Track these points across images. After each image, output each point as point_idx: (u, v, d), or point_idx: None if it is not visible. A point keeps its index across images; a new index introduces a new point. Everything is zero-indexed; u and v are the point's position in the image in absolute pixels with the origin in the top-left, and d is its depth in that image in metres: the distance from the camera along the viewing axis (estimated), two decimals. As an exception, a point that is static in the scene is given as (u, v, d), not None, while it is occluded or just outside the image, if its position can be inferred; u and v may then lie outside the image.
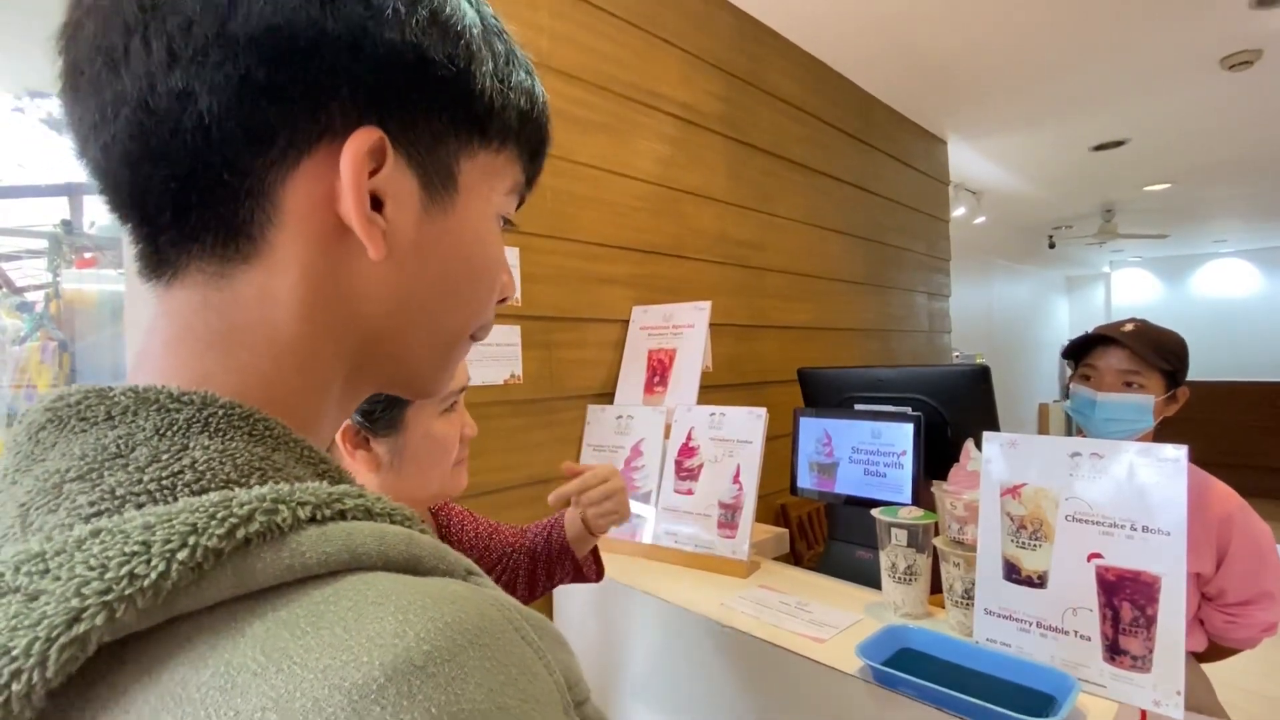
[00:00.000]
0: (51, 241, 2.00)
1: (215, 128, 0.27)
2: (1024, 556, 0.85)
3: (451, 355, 0.38)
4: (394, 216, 0.31)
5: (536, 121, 0.36)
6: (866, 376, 1.29)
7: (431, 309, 0.34)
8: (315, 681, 0.18)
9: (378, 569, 0.23)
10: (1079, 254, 7.22)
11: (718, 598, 1.07)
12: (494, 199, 0.36)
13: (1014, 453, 0.87)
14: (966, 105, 2.76)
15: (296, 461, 0.28)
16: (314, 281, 0.30)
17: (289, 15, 0.27)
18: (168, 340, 0.30)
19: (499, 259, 0.37)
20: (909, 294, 2.78)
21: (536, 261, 1.39)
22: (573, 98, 1.47)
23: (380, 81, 0.29)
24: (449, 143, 0.32)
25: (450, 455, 0.78)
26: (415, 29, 0.29)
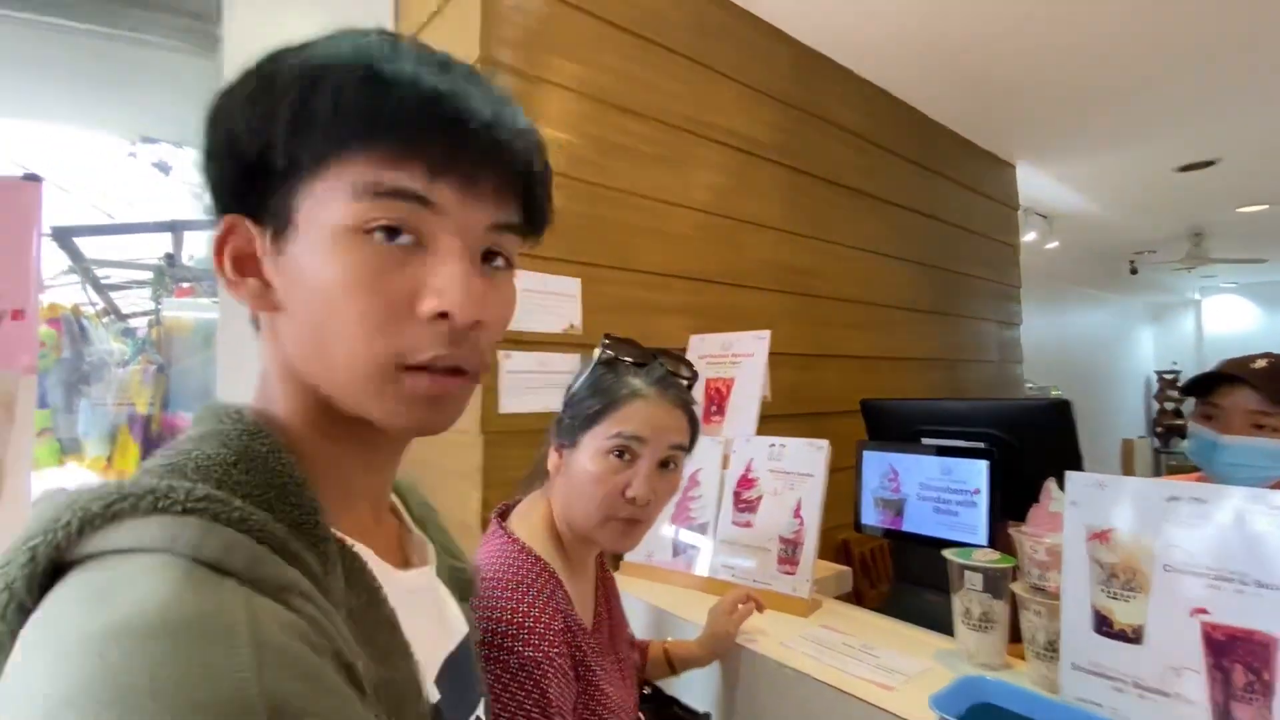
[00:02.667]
0: (156, 273, 2.19)
1: None
2: (1116, 608, 0.78)
3: (379, 387, 0.36)
4: (267, 272, 0.37)
5: (351, 115, 0.34)
6: (935, 409, 1.23)
7: (315, 342, 0.36)
8: (74, 621, 0.26)
9: (180, 555, 0.28)
10: (1164, 280, 6.79)
11: (777, 636, 1.04)
12: (329, 218, 0.34)
13: (1102, 494, 0.82)
14: (1036, 127, 2.67)
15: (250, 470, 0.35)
16: (266, 337, 0.40)
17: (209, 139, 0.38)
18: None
19: (358, 276, 0.34)
20: (977, 322, 2.67)
21: (597, 291, 1.41)
22: (633, 132, 1.50)
23: (210, 177, 0.38)
24: (277, 191, 0.36)
25: (597, 496, 0.78)
26: (235, 122, 0.36)
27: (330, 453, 0.39)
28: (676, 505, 1.38)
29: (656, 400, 0.82)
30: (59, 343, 1.94)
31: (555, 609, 0.74)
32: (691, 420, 0.87)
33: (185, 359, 2.07)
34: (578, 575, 0.85)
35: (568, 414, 0.85)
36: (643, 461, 0.80)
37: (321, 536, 0.34)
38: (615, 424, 0.80)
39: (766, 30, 1.83)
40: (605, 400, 0.81)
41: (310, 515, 0.34)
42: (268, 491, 0.33)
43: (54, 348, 1.94)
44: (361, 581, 0.36)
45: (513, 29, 1.31)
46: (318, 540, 0.34)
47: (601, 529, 0.80)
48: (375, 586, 0.37)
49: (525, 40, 1.32)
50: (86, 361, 1.98)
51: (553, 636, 0.71)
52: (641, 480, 0.79)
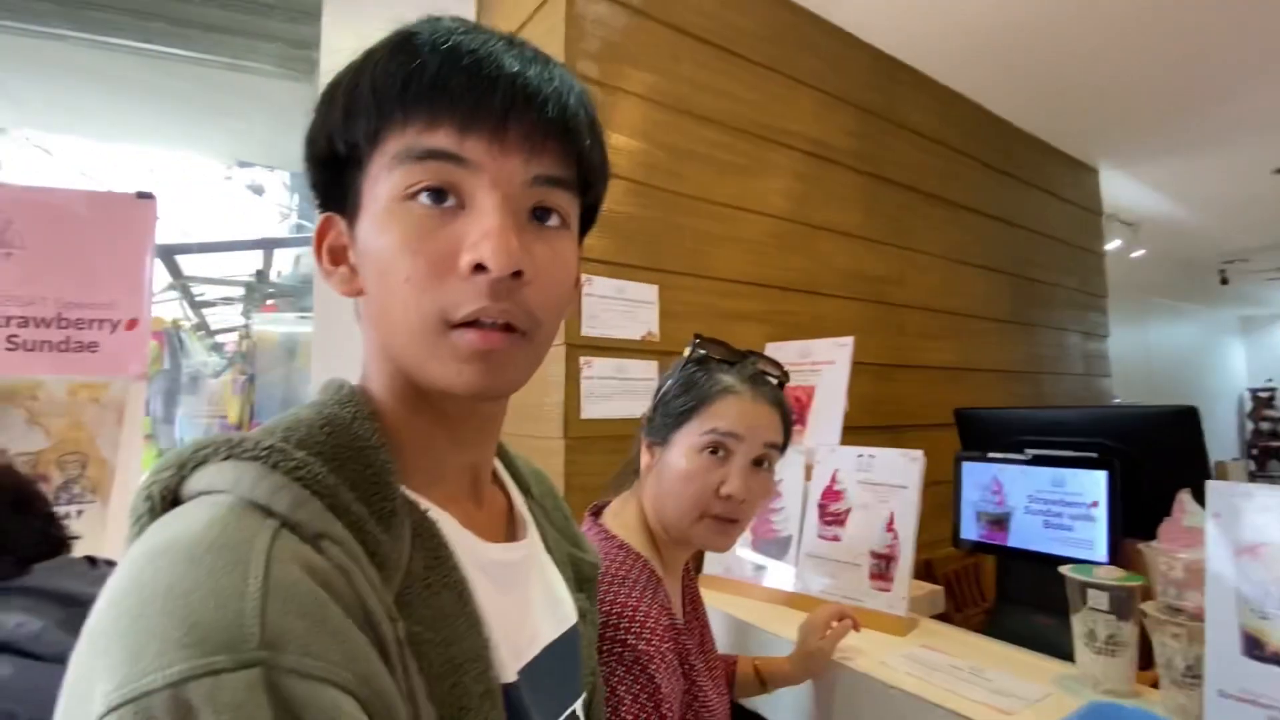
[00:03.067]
0: (247, 289, 2.32)
1: None
2: (1271, 629, 0.71)
3: (432, 346, 0.37)
4: (353, 259, 0.40)
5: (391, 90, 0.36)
6: (1040, 418, 1.17)
7: (379, 312, 0.39)
8: (140, 543, 0.30)
9: (231, 495, 0.31)
10: (1257, 291, 6.33)
11: (875, 655, 0.99)
12: (379, 190, 0.37)
13: (1250, 505, 0.75)
14: (1120, 130, 2.54)
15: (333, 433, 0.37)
16: (363, 317, 0.42)
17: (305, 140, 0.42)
18: None
19: (404, 239, 0.36)
20: (1061, 333, 2.54)
21: (674, 299, 1.41)
22: (710, 140, 1.50)
23: (315, 172, 0.40)
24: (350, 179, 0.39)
25: (690, 493, 0.78)
26: (316, 121, 0.40)
27: (418, 427, 0.40)
28: (758, 517, 1.35)
29: (749, 397, 0.81)
30: (160, 355, 2.07)
31: (660, 605, 0.74)
32: (785, 418, 0.85)
33: (271, 370, 2.16)
34: (670, 576, 0.85)
35: (659, 412, 0.85)
36: (737, 459, 0.79)
37: (386, 495, 0.35)
38: (708, 420, 0.79)
39: (842, 37, 1.81)
40: (698, 397, 0.81)
41: (379, 474, 0.35)
42: (343, 450, 0.35)
43: (156, 359, 2.06)
44: (430, 544, 0.37)
45: (593, 41, 1.33)
46: (382, 498, 0.35)
47: (695, 527, 0.79)
48: (445, 552, 0.37)
49: (604, 52, 1.34)
50: (184, 373, 2.10)
51: (661, 630, 0.70)
52: (736, 477, 0.78)
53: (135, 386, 1.45)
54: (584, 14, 1.32)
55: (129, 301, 1.42)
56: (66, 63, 1.72)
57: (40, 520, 0.84)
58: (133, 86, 1.91)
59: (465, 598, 0.37)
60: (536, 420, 1.31)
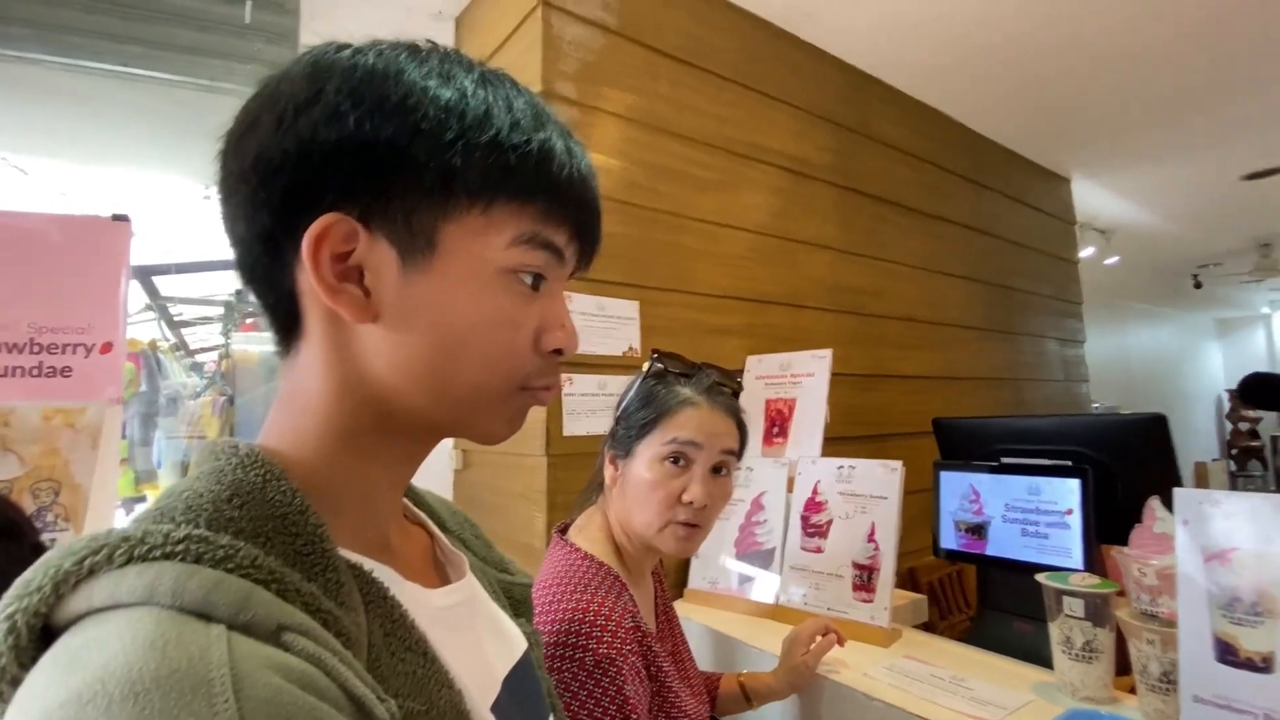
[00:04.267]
0: (226, 308, 2.30)
1: (248, 241, 0.36)
2: (1242, 635, 0.72)
3: (494, 406, 0.39)
4: (374, 284, 0.36)
5: (528, 172, 0.36)
6: (1015, 427, 1.18)
7: (435, 363, 0.37)
8: (39, 695, 0.24)
9: (160, 606, 0.26)
10: (1231, 294, 6.46)
11: (858, 667, 0.99)
12: (489, 256, 0.37)
13: (1217, 512, 0.76)
14: (1091, 141, 2.60)
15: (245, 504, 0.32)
16: (329, 349, 0.37)
17: (264, 142, 0.34)
18: (275, 399, 0.39)
19: (509, 314, 0.38)
20: (1039, 340, 2.58)
21: (655, 314, 1.41)
22: (686, 157, 1.52)
23: (334, 174, 0.34)
24: (422, 212, 0.35)
25: (655, 502, 0.82)
26: (351, 125, 0.34)
27: (357, 471, 0.38)
28: (741, 530, 1.35)
29: (707, 407, 0.86)
30: (137, 377, 2.04)
31: (624, 609, 0.75)
32: (740, 427, 0.89)
33: (251, 390, 2.14)
34: (638, 584, 0.86)
35: (621, 426, 0.88)
36: (697, 467, 0.84)
37: (328, 565, 0.32)
38: (669, 431, 0.83)
39: (816, 54, 1.84)
40: (658, 409, 0.85)
41: (314, 543, 0.32)
42: (265, 524, 0.32)
43: (132, 381, 2.03)
44: (383, 608, 0.34)
45: (571, 62, 1.34)
46: (325, 569, 0.32)
47: (661, 535, 0.82)
48: (400, 612, 0.35)
49: (582, 73, 1.36)
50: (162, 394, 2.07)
51: (624, 634, 0.71)
52: (697, 484, 0.83)
53: (111, 411, 1.43)
54: (561, 35, 1.33)
55: (103, 325, 1.40)
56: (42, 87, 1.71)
57: (28, 550, 0.82)
58: (110, 109, 1.90)
59: (430, 656, 0.35)
60: (518, 438, 1.30)
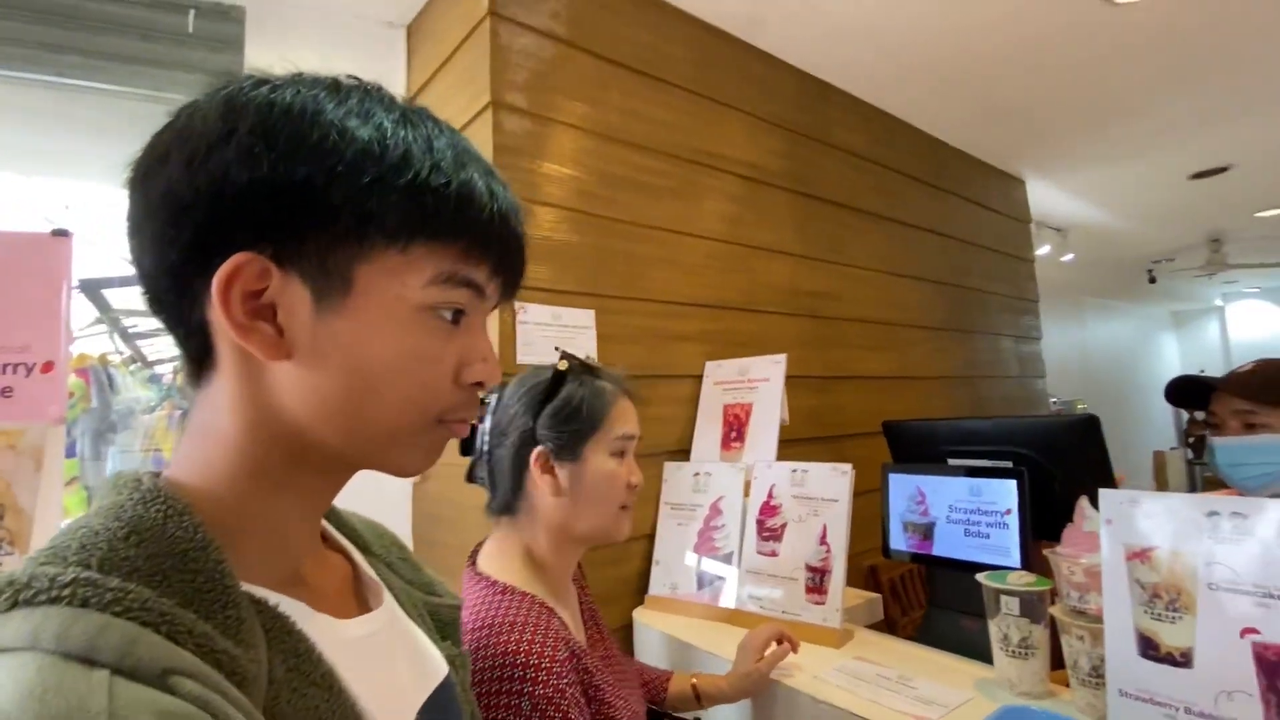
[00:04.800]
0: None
1: (155, 276, 0.36)
2: (1162, 630, 0.76)
3: (412, 440, 0.40)
4: (287, 323, 0.36)
5: (448, 214, 0.37)
6: (960, 429, 1.21)
7: (350, 400, 0.37)
8: None
9: (44, 651, 0.26)
10: (1185, 288, 6.68)
11: (809, 669, 1.01)
12: (406, 295, 0.37)
13: (1138, 512, 0.79)
14: (1044, 143, 2.67)
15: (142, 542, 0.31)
16: (239, 385, 0.37)
17: (174, 178, 0.34)
18: (184, 432, 0.39)
19: (427, 350, 0.38)
20: (996, 338, 2.65)
21: (611, 322, 1.42)
22: (642, 166, 1.52)
23: (245, 213, 0.34)
24: (337, 251, 0.36)
25: (617, 496, 0.87)
26: (265, 167, 0.34)
27: (268, 504, 0.38)
28: (700, 535, 1.37)
29: (625, 398, 0.91)
30: (87, 393, 1.98)
31: (557, 639, 0.74)
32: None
33: (209, 404, 2.08)
34: (563, 599, 0.86)
35: (556, 433, 0.84)
36: (630, 453, 0.90)
37: (228, 601, 0.32)
38: (614, 426, 0.87)
39: (769, 61, 1.86)
40: (601, 405, 0.87)
41: (214, 579, 0.32)
42: (162, 561, 0.31)
43: (82, 398, 1.98)
44: (287, 643, 0.34)
45: (520, 72, 1.34)
46: (224, 605, 0.31)
47: (616, 524, 0.87)
48: (305, 646, 0.35)
49: (532, 83, 1.36)
50: (114, 410, 2.01)
51: (561, 670, 0.71)
52: (636, 467, 0.90)
53: (54, 431, 1.40)
54: (509, 45, 1.33)
55: (45, 344, 1.37)
56: (-20, 97, 1.66)
57: None
58: (47, 120, 1.85)
59: (336, 690, 0.35)
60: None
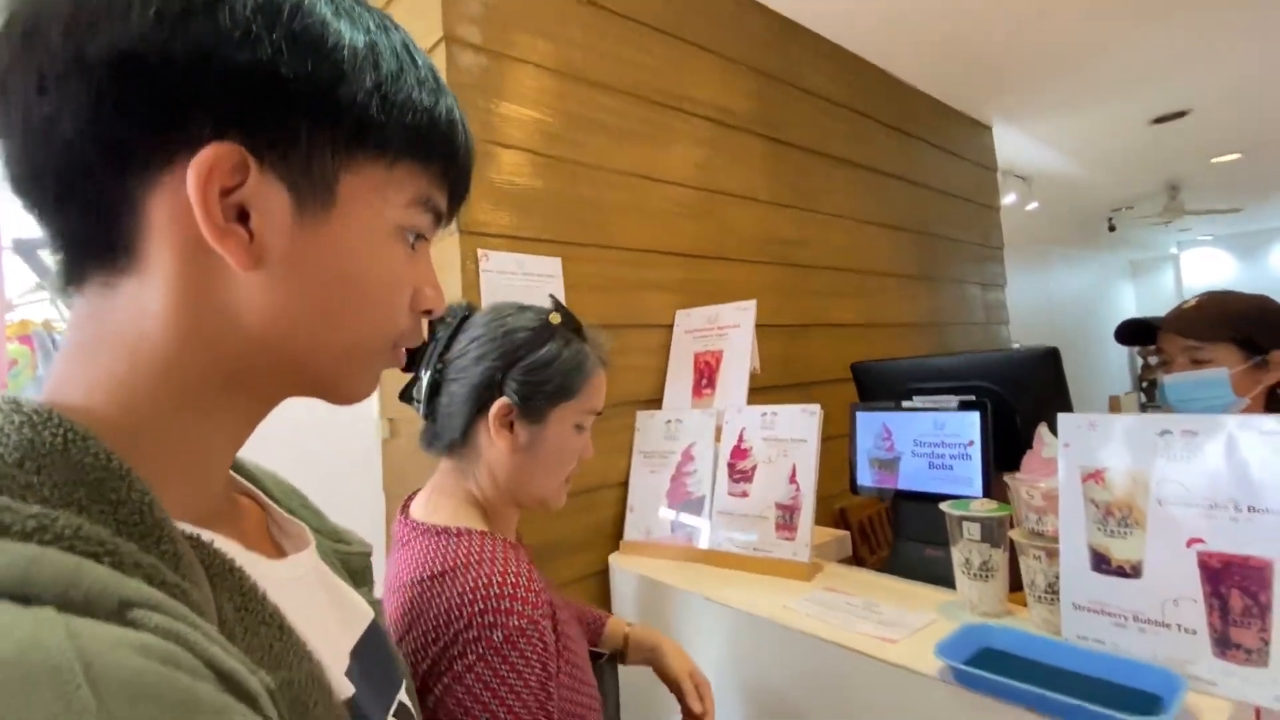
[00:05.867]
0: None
1: (78, 147, 0.29)
2: (1113, 545, 0.79)
3: (367, 363, 0.39)
4: (261, 228, 0.32)
5: (437, 137, 0.37)
6: (925, 366, 1.23)
7: (319, 319, 0.35)
8: None
9: None
10: (1143, 236, 6.86)
11: (779, 601, 1.04)
12: (387, 212, 0.36)
13: (1094, 435, 0.82)
14: (1010, 87, 2.66)
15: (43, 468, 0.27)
16: (184, 291, 0.32)
17: (137, 40, 0.29)
18: (64, 347, 0.33)
19: (397, 272, 0.38)
20: (962, 286, 2.68)
21: (579, 272, 1.39)
22: (606, 107, 1.48)
23: (234, 100, 0.30)
24: (326, 157, 0.33)
25: (565, 466, 0.83)
26: (268, 50, 0.30)
27: (191, 431, 0.33)
28: (672, 481, 1.38)
29: (603, 372, 0.85)
30: (33, 360, 1.90)
31: (531, 572, 0.69)
32: None
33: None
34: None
35: (528, 387, 0.77)
36: (589, 428, 0.85)
37: (163, 536, 0.28)
38: (589, 400, 0.82)
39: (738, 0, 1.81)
40: (579, 375, 0.80)
41: (141, 513, 0.28)
42: (73, 491, 0.27)
43: (28, 365, 1.89)
44: (230, 580, 0.31)
45: (475, 5, 1.28)
46: (159, 540, 0.28)
47: (558, 493, 0.84)
48: (249, 584, 0.32)
49: (488, 16, 1.29)
50: (64, 376, 1.94)
51: (536, 600, 0.66)
52: (589, 444, 0.86)
53: (-2, 396, 1.34)
54: (463, -24, 1.26)
55: (-21, 305, 1.30)
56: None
57: None
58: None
59: (286, 628, 0.33)
60: (443, 402, 1.28)
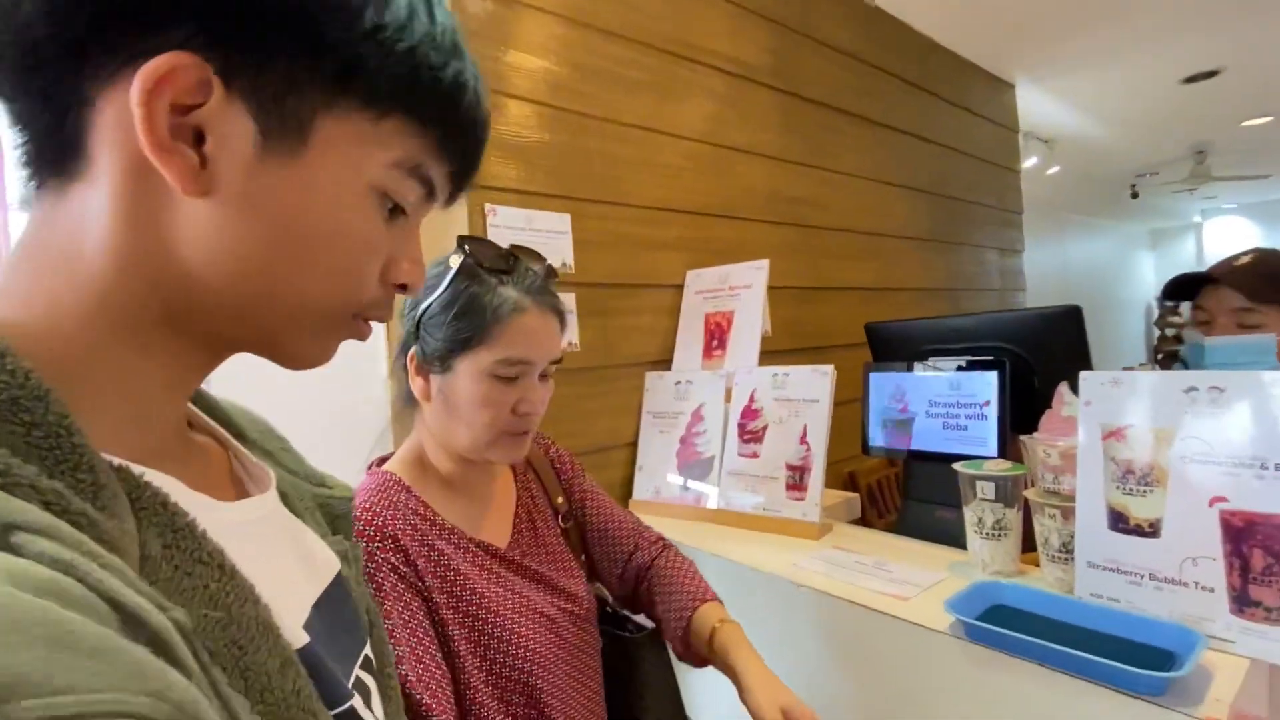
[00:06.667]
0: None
1: (36, 33, 0.27)
2: (1132, 504, 0.77)
3: (319, 329, 0.36)
4: (215, 155, 0.30)
5: (437, 98, 0.34)
6: (942, 327, 1.21)
7: (269, 268, 0.32)
8: None
9: None
10: (1166, 204, 6.68)
11: (789, 559, 1.04)
12: (366, 167, 0.33)
13: (1117, 392, 0.80)
14: (1036, 43, 2.56)
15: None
16: (124, 207, 0.29)
17: None
18: (11, 254, 0.31)
19: (367, 235, 0.35)
20: (979, 250, 2.63)
21: (587, 228, 1.37)
22: (615, 56, 1.43)
23: (210, 11, 0.28)
24: (304, 93, 0.31)
25: (483, 419, 0.75)
26: None
27: (125, 365, 0.31)
28: (682, 441, 1.37)
29: (535, 313, 0.76)
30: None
31: (393, 507, 0.75)
32: (563, 323, 0.81)
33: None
34: (462, 493, 0.81)
35: (433, 336, 0.75)
36: (526, 379, 0.76)
37: (79, 463, 0.26)
38: (500, 349, 0.73)
39: (752, -56, 1.73)
40: (481, 320, 0.73)
41: (56, 436, 0.26)
42: None
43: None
44: (161, 516, 0.29)
45: (483, -52, 1.22)
46: (74, 467, 0.26)
47: (492, 448, 0.77)
48: (185, 522, 0.30)
49: (497, -40, 1.24)
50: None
51: (365, 529, 0.72)
52: (531, 394, 0.76)
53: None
54: (469, -84, 1.21)
55: (-13, 257, 1.29)
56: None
57: None
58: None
59: (229, 569, 0.30)
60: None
